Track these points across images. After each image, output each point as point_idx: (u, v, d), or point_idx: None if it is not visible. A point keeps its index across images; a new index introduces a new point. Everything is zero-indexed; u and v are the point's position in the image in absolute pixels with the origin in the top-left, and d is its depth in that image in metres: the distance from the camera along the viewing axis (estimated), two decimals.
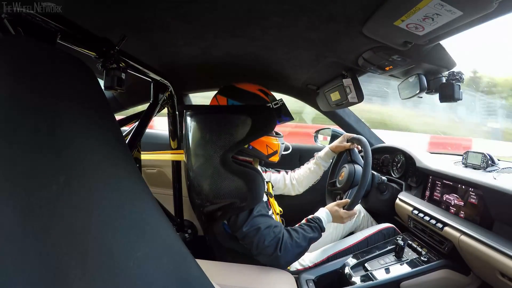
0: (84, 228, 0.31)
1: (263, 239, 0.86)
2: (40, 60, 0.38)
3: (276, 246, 0.86)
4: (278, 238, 0.87)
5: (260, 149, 0.96)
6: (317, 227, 0.97)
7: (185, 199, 1.42)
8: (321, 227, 0.98)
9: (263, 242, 0.86)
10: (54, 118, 0.34)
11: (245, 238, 0.88)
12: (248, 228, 0.86)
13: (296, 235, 0.91)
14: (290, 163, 1.71)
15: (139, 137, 1.04)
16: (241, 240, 0.90)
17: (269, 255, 0.87)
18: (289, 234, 0.91)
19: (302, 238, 0.92)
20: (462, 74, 0.89)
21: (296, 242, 0.89)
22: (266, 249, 0.86)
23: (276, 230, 0.88)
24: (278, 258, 0.87)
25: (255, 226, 0.86)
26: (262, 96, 0.96)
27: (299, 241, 0.90)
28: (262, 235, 0.86)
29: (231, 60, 1.07)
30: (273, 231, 0.87)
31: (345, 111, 1.63)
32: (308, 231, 0.94)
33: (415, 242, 1.13)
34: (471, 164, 1.07)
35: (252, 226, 0.86)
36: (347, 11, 0.64)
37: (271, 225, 0.88)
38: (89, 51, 0.72)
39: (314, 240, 0.96)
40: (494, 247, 0.77)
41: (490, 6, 0.50)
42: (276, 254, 0.86)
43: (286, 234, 0.90)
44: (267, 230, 0.87)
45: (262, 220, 0.88)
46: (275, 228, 0.89)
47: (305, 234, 0.93)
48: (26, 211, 0.28)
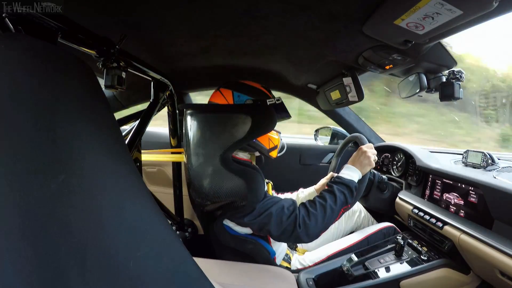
0: (83, 228, 0.31)
1: (279, 220, 0.84)
2: (40, 59, 0.38)
3: (294, 224, 0.84)
4: (295, 215, 0.84)
5: (262, 142, 0.96)
6: (338, 189, 0.91)
7: (185, 198, 1.42)
8: (345, 183, 0.93)
9: (281, 223, 0.84)
10: (53, 117, 0.34)
11: (261, 228, 0.86)
12: (258, 216, 0.84)
13: (312, 207, 0.87)
14: (290, 163, 1.72)
15: (139, 136, 1.04)
16: (258, 231, 0.88)
17: (289, 234, 0.85)
18: (305, 208, 0.88)
19: (320, 208, 0.87)
20: (462, 73, 0.89)
21: (313, 215, 0.85)
22: (286, 229, 0.84)
23: (291, 208, 0.86)
24: (299, 235, 0.84)
25: (267, 211, 0.84)
26: (265, 92, 0.96)
27: (316, 212, 0.86)
28: (277, 216, 0.84)
29: (231, 59, 1.07)
30: (287, 209, 0.85)
31: (345, 110, 1.64)
32: (327, 197, 0.90)
33: (415, 241, 1.14)
34: (471, 163, 1.07)
35: (262, 213, 0.84)
36: (347, 10, 0.64)
37: (282, 204, 0.86)
38: (89, 50, 0.72)
39: (342, 202, 0.90)
40: (494, 246, 0.77)
41: (490, 5, 0.50)
42: (296, 232, 0.84)
43: (302, 209, 0.87)
44: (281, 210, 0.85)
45: (272, 202, 0.86)
46: (288, 206, 0.86)
47: (322, 202, 0.88)
48: (25, 210, 0.28)
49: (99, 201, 0.34)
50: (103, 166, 0.37)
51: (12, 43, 0.39)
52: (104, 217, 0.33)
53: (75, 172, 0.33)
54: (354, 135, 1.26)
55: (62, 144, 0.33)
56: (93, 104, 0.43)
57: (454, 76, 0.90)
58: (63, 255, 0.28)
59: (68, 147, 0.34)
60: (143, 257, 0.34)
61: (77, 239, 0.30)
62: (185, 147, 0.98)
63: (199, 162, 0.90)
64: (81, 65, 0.44)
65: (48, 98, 0.35)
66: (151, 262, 0.35)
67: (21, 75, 0.35)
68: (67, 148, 0.34)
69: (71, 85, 0.41)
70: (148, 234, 0.38)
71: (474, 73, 4.25)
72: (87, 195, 0.33)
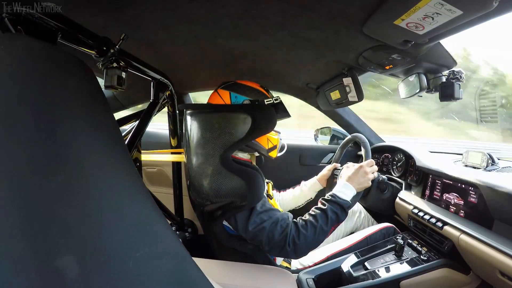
0: (83, 228, 0.31)
1: (271, 236, 0.84)
2: (40, 59, 0.38)
3: (285, 242, 0.84)
4: (286, 234, 0.85)
5: (261, 143, 0.96)
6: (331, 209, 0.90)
7: (185, 198, 1.42)
8: (339, 204, 0.91)
9: (272, 239, 0.84)
10: (53, 117, 0.34)
11: (253, 238, 0.86)
12: (254, 226, 0.84)
13: (304, 228, 0.87)
14: (290, 163, 1.71)
15: (139, 136, 1.04)
16: (250, 240, 0.89)
17: (279, 250, 0.85)
18: (297, 228, 0.87)
19: (311, 229, 0.87)
20: (462, 73, 0.89)
21: (303, 235, 0.85)
22: (276, 245, 0.85)
23: (284, 224, 0.86)
24: (288, 253, 0.85)
25: (261, 225, 0.85)
26: (263, 92, 0.96)
27: (307, 233, 0.86)
28: (270, 232, 0.84)
29: (231, 59, 1.07)
30: (280, 226, 0.85)
31: (345, 110, 1.64)
32: (318, 219, 0.88)
33: (415, 241, 1.14)
34: (471, 163, 1.07)
35: (258, 224, 0.85)
36: (347, 10, 0.64)
37: (277, 219, 0.86)
38: (89, 50, 0.72)
39: (334, 222, 0.90)
40: (494, 246, 0.77)
41: (490, 5, 0.50)
42: (285, 250, 0.84)
43: (293, 228, 0.87)
44: (274, 226, 0.85)
45: (267, 216, 0.86)
46: (281, 222, 0.86)
47: (314, 223, 0.88)
48: (25, 210, 0.28)
49: (99, 201, 0.34)
50: (103, 166, 0.37)
51: (12, 43, 0.39)
52: (104, 217, 0.33)
53: (75, 172, 0.33)
54: (354, 136, 1.26)
55: (62, 144, 0.33)
56: (93, 104, 0.43)
57: (454, 76, 0.90)
58: (63, 255, 0.28)
59: (68, 147, 0.34)
60: (143, 257, 0.34)
61: (77, 239, 0.30)
62: (185, 147, 0.98)
63: (199, 162, 0.90)
64: (81, 65, 0.44)
65: (48, 98, 0.35)
66: (151, 262, 0.35)
67: (21, 75, 0.34)
68: (67, 148, 0.34)
69: (71, 85, 0.41)
70: (148, 234, 0.38)
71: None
72: (87, 195, 0.33)
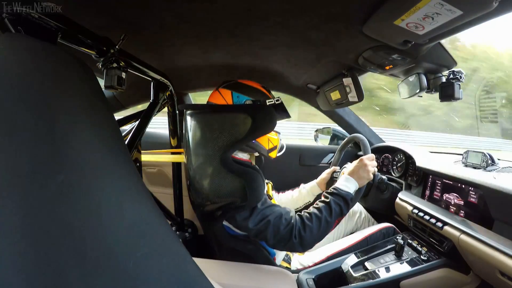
0: (83, 229, 0.30)
1: (276, 229, 0.84)
2: (40, 59, 0.38)
3: (291, 234, 0.84)
4: (292, 226, 0.85)
5: (262, 143, 0.96)
6: (334, 201, 0.91)
7: (185, 198, 1.42)
8: (342, 195, 0.93)
9: (278, 232, 0.84)
10: (53, 117, 0.34)
11: (258, 234, 0.86)
12: (258, 222, 0.84)
13: (308, 220, 0.88)
14: (290, 163, 1.72)
15: (139, 136, 1.04)
16: (254, 237, 0.88)
17: (284, 244, 0.85)
18: (302, 220, 0.88)
19: (316, 221, 0.87)
20: (462, 73, 0.89)
21: (309, 227, 0.86)
22: (282, 238, 0.84)
23: (288, 217, 0.86)
24: (294, 245, 0.85)
25: (265, 220, 0.84)
26: (265, 92, 0.96)
27: (312, 225, 0.86)
28: (275, 226, 0.84)
29: (231, 59, 1.07)
30: (284, 219, 0.85)
31: (345, 110, 1.64)
32: (322, 210, 0.89)
33: (415, 241, 1.14)
34: (471, 163, 1.07)
35: (261, 220, 0.84)
36: (347, 10, 0.64)
37: (281, 213, 0.86)
38: (89, 50, 0.72)
39: (337, 214, 0.90)
40: (494, 246, 0.77)
41: (490, 5, 0.50)
42: (291, 242, 0.84)
43: (298, 220, 0.87)
44: (279, 219, 0.85)
45: (271, 211, 0.86)
46: (285, 215, 0.87)
47: (318, 215, 0.89)
48: (25, 210, 0.28)
49: (99, 201, 0.34)
50: (103, 166, 0.37)
51: (12, 43, 0.39)
52: (104, 217, 0.33)
53: (75, 172, 0.33)
54: (354, 136, 1.26)
55: (62, 145, 0.33)
56: (93, 104, 0.43)
57: (454, 77, 0.90)
58: (63, 255, 0.28)
59: (68, 147, 0.34)
60: (143, 257, 0.34)
61: (77, 239, 0.29)
62: (185, 148, 0.98)
63: (199, 162, 0.90)
64: (81, 65, 0.44)
65: (48, 98, 0.35)
66: (151, 262, 0.35)
67: (21, 75, 0.34)
68: (67, 148, 0.34)
69: (71, 86, 0.41)
70: (148, 234, 0.38)
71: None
72: (87, 195, 0.33)
